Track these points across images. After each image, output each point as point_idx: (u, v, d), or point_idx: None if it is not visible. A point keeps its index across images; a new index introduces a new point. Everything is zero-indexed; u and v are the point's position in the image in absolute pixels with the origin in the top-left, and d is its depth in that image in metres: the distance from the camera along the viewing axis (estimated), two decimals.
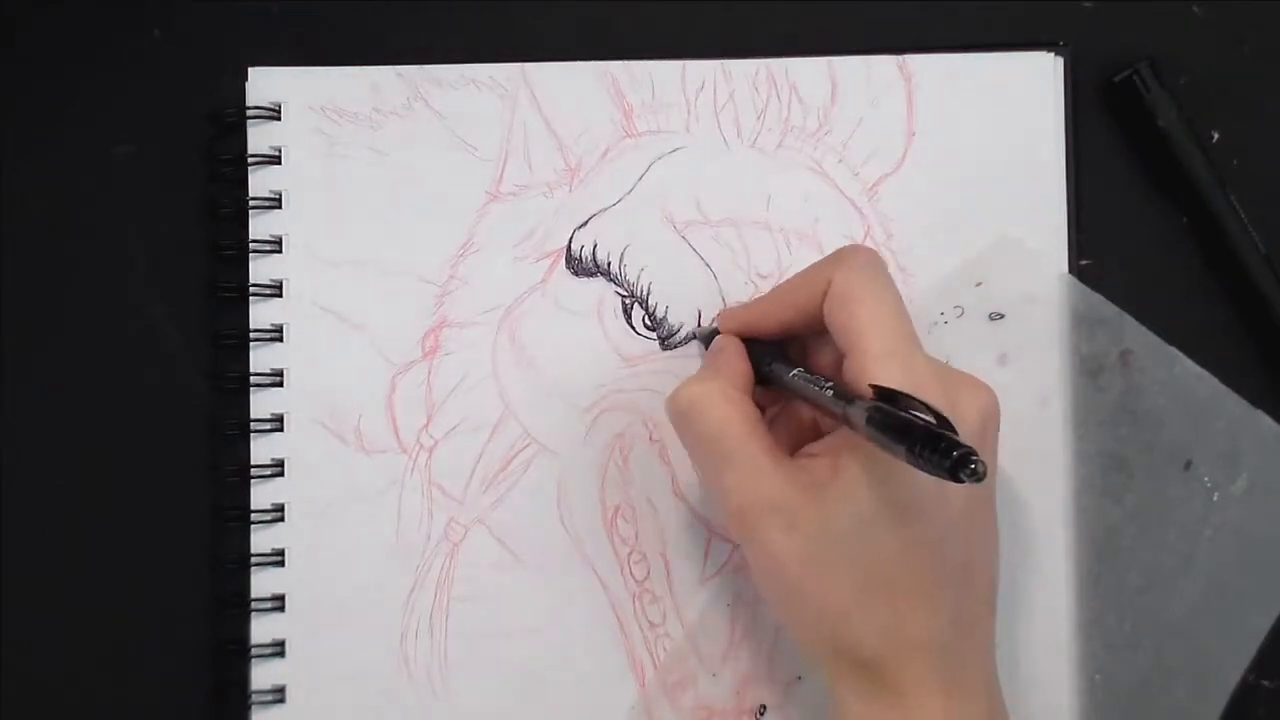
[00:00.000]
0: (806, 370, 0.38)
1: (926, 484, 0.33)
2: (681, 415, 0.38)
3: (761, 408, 0.39)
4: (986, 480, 0.35)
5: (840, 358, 0.37)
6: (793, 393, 0.38)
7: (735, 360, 0.39)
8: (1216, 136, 0.45)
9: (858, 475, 0.35)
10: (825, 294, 0.37)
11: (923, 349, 0.36)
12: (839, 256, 0.38)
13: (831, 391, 0.35)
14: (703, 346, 0.44)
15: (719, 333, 0.42)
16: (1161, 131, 0.44)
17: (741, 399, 0.38)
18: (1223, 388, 0.43)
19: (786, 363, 0.39)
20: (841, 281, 0.37)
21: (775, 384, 0.39)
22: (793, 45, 0.45)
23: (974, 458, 0.28)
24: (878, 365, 0.35)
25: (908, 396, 0.32)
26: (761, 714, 0.44)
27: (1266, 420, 0.43)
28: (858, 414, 0.33)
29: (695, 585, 0.44)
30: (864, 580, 0.35)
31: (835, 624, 0.36)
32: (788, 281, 0.40)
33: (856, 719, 0.36)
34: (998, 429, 0.37)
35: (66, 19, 0.45)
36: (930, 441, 0.29)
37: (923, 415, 0.31)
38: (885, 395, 0.32)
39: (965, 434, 0.34)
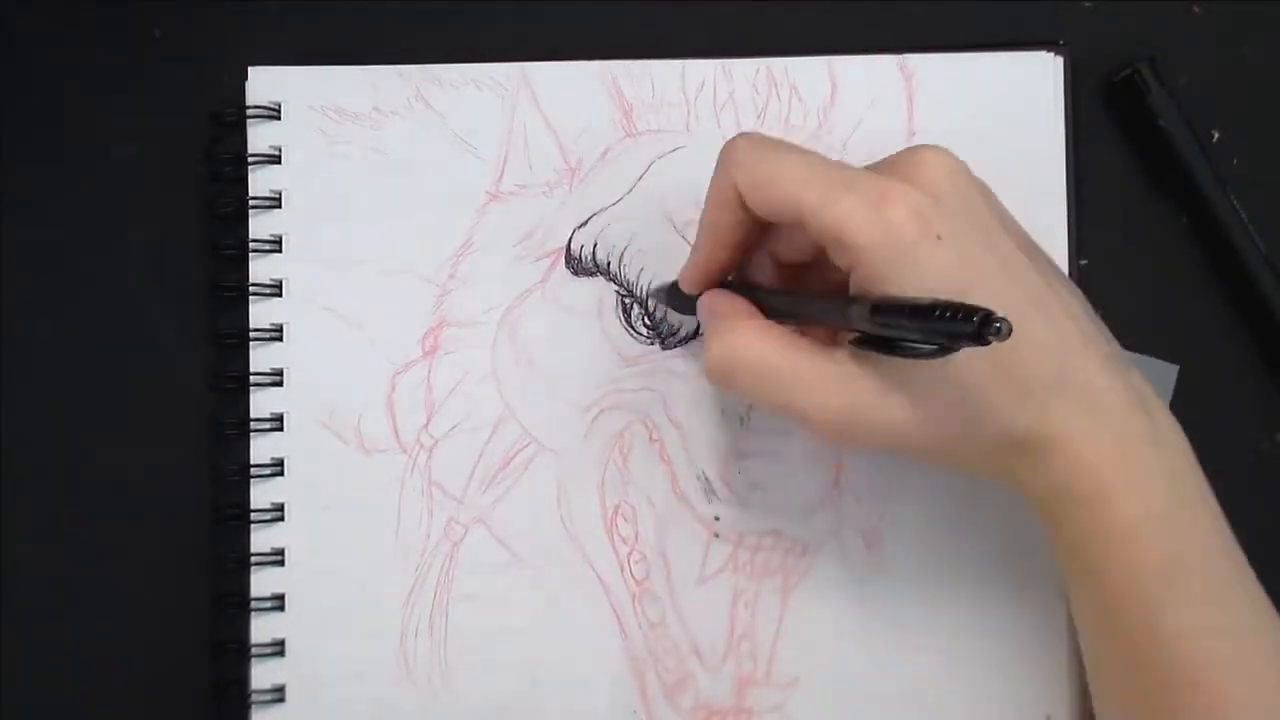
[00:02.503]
0: (781, 292, 0.38)
1: (944, 271, 0.34)
2: (727, 371, 0.37)
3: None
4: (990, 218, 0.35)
5: (805, 240, 0.36)
6: (790, 321, 0.38)
7: (733, 302, 0.39)
8: (1216, 136, 0.45)
9: (897, 294, 0.34)
10: (741, 201, 0.37)
11: (852, 166, 0.36)
12: (726, 158, 0.37)
13: (825, 313, 0.35)
14: (668, 306, 0.43)
15: (671, 289, 0.42)
16: (1162, 131, 0.44)
17: (765, 326, 0.37)
18: None
19: (765, 294, 0.39)
20: (746, 178, 0.36)
21: (785, 320, 0.39)
22: (793, 45, 0.45)
23: (994, 317, 0.28)
24: (827, 207, 0.34)
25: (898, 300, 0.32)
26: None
27: None
28: (860, 318, 0.33)
29: (695, 585, 0.44)
30: (969, 372, 0.34)
31: (980, 434, 0.35)
32: (706, 214, 0.39)
33: (1038, 491, 0.36)
34: (971, 176, 0.36)
35: (67, 18, 0.45)
36: (943, 313, 0.29)
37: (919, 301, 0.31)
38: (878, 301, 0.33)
39: (943, 201, 0.34)
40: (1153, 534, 0.35)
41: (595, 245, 0.44)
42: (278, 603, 0.44)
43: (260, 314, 0.44)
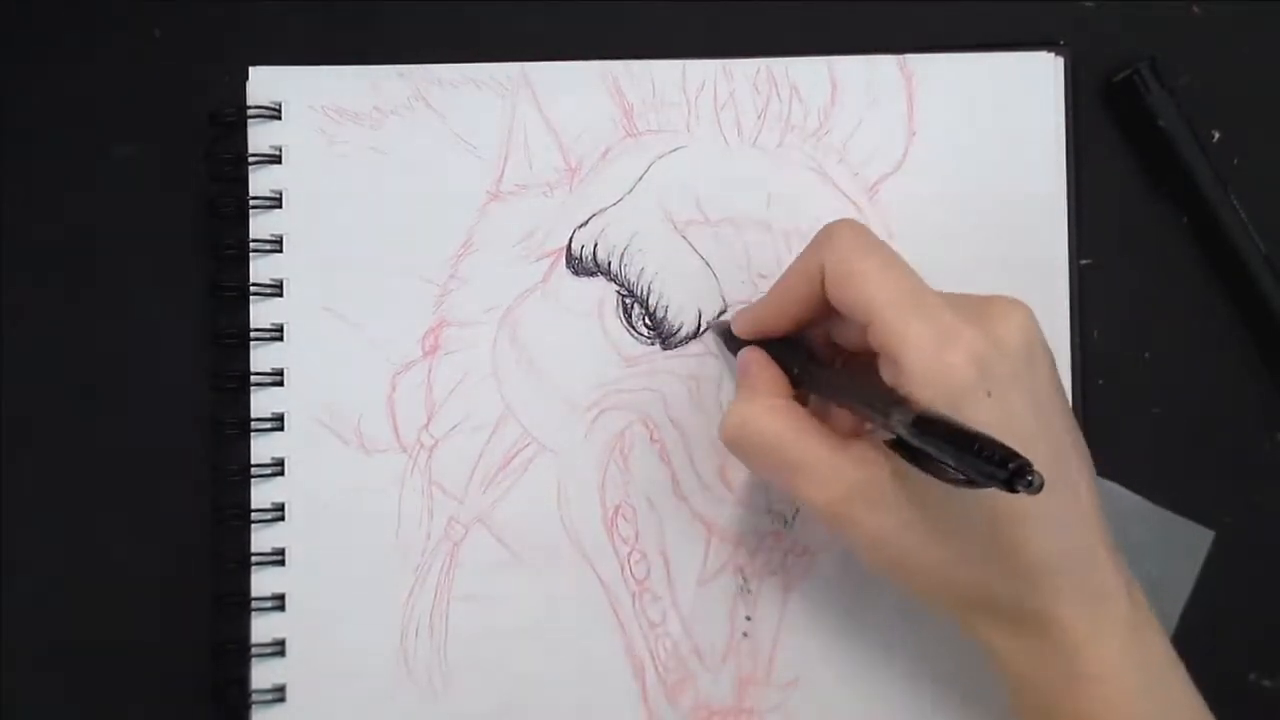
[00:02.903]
0: (829, 367, 0.38)
1: (983, 409, 0.34)
2: (735, 443, 0.38)
3: (803, 399, 0.39)
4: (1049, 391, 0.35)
5: (863, 331, 0.36)
6: (828, 397, 0.38)
7: (764, 371, 0.40)
8: (1217, 136, 0.45)
9: None
10: (823, 280, 0.37)
11: (935, 292, 0.36)
12: (824, 238, 0.38)
13: (867, 404, 0.35)
14: (718, 339, 0.44)
15: (728, 327, 0.42)
16: (1161, 131, 0.44)
17: (785, 406, 0.38)
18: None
19: (813, 364, 0.39)
20: (834, 263, 0.37)
21: (808, 388, 0.39)
22: (793, 45, 0.45)
23: (1029, 469, 0.28)
24: (895, 324, 0.35)
25: (944, 419, 0.32)
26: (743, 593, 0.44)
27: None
28: (900, 423, 0.33)
29: (695, 585, 0.44)
30: (969, 533, 0.35)
31: (952, 580, 0.36)
32: (784, 278, 0.39)
33: (1009, 658, 0.36)
34: (1044, 347, 0.36)
35: (66, 19, 0.45)
36: (982, 450, 0.29)
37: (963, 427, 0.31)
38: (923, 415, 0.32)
39: (1009, 361, 0.34)
40: (1124, 715, 0.35)
41: (596, 245, 0.44)
42: (278, 603, 0.44)
43: (260, 314, 0.44)
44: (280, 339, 0.44)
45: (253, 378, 0.44)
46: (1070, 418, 0.37)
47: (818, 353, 0.40)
